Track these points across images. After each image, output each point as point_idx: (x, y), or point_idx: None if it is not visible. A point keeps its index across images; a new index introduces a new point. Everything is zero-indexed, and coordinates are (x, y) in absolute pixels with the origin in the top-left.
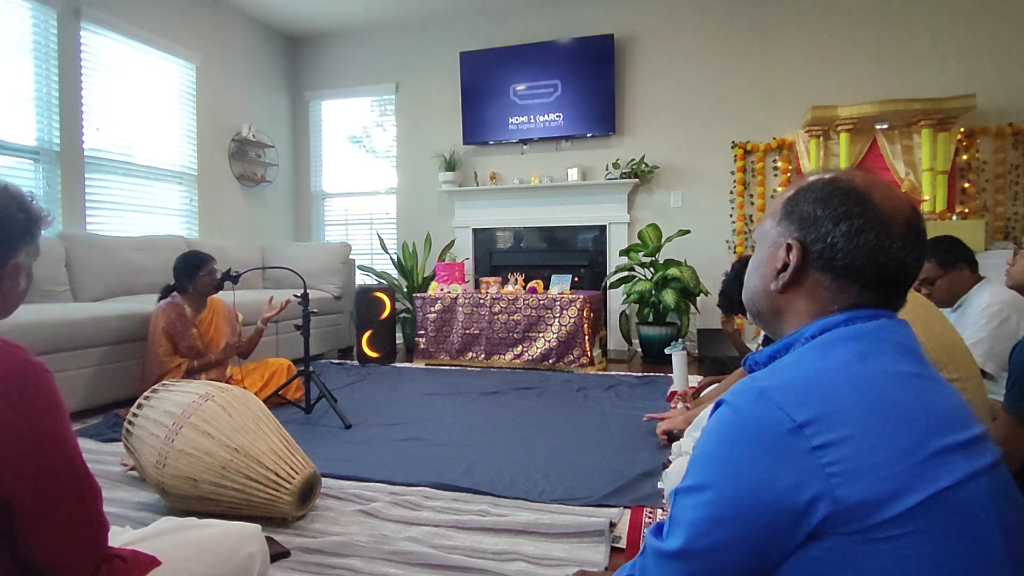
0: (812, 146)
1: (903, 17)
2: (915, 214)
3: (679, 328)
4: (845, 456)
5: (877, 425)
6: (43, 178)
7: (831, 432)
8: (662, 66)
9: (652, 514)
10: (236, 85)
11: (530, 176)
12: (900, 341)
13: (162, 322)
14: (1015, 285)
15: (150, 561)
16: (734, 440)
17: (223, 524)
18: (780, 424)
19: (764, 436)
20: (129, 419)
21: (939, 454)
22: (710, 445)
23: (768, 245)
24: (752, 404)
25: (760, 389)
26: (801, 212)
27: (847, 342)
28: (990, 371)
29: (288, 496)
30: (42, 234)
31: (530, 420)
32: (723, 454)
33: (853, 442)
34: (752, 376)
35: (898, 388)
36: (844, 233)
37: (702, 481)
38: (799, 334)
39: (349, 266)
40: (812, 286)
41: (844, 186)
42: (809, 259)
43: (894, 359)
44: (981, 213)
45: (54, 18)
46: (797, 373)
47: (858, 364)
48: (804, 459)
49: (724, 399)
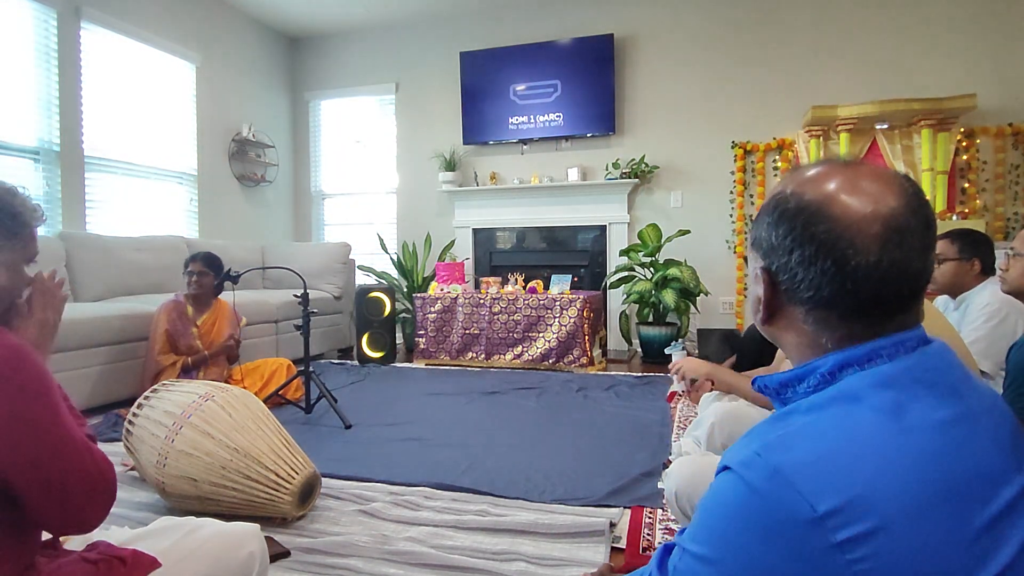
0: (812, 146)
1: (903, 17)
2: (903, 209)
3: (679, 328)
4: (877, 551)
5: (916, 508)
6: (43, 178)
7: (860, 523)
8: (662, 66)
9: (652, 514)
10: (236, 85)
11: (530, 176)
12: (937, 379)
13: (164, 323)
14: (1011, 290)
15: (150, 562)
16: (743, 525)
17: (222, 524)
18: (798, 513)
19: (780, 525)
20: (129, 419)
21: (991, 527)
22: (719, 521)
23: (750, 268)
24: (764, 483)
25: (774, 466)
26: (760, 238)
27: (875, 392)
28: (987, 370)
29: (288, 496)
30: (29, 232)
31: (530, 420)
32: (731, 538)
33: (887, 534)
34: (763, 442)
35: (939, 447)
36: (800, 262)
37: (711, 555)
38: (812, 367)
39: (349, 266)
40: (791, 319)
41: (792, 205)
42: (778, 290)
43: (932, 405)
44: (981, 213)
45: (54, 18)
46: (819, 444)
47: (890, 425)
48: (826, 558)
49: (732, 467)
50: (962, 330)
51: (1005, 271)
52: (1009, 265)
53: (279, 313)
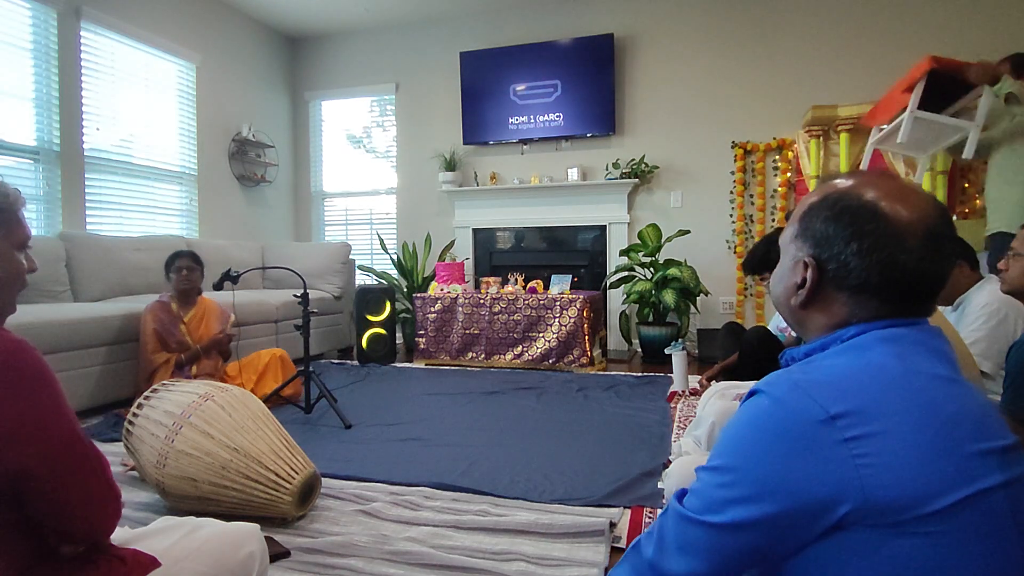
0: (812, 146)
1: (903, 17)
2: (939, 219)
3: (679, 328)
4: (878, 450)
5: (913, 423)
6: (43, 178)
7: (865, 426)
8: (662, 66)
9: (652, 514)
10: (236, 85)
11: (530, 176)
12: (936, 347)
13: (151, 323)
14: (1011, 290)
15: (150, 562)
16: (763, 427)
17: (222, 524)
18: (812, 414)
19: (795, 425)
20: (129, 419)
21: (977, 456)
22: (739, 430)
23: (789, 257)
24: (786, 393)
25: (794, 381)
26: (814, 230)
27: (884, 343)
28: (987, 370)
29: (288, 496)
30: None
31: (530, 420)
32: (751, 439)
33: (888, 437)
34: (787, 369)
35: (936, 389)
36: (855, 252)
37: (726, 463)
38: (836, 336)
39: (349, 266)
40: (829, 302)
41: (855, 202)
42: (825, 277)
43: (931, 362)
44: (981, 213)
45: (54, 18)
46: (833, 370)
47: (895, 363)
48: (834, 450)
49: (758, 388)
50: (961, 330)
51: (1005, 271)
52: (1009, 265)
53: (279, 313)
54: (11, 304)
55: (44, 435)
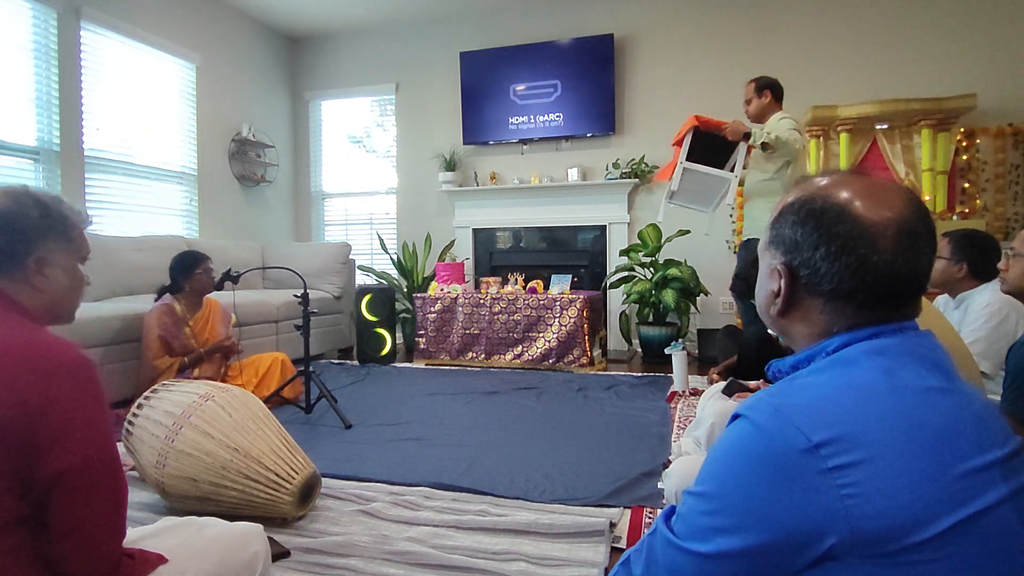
0: (812, 146)
1: (903, 17)
2: (913, 215)
3: (679, 328)
4: (863, 479)
5: (901, 446)
6: (43, 178)
7: (849, 454)
8: (662, 66)
9: (652, 514)
10: (236, 85)
11: (530, 176)
12: (926, 354)
13: (156, 329)
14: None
15: (157, 559)
16: (744, 456)
17: (227, 523)
18: (795, 443)
19: (777, 455)
20: (129, 419)
21: (971, 475)
22: (722, 457)
23: (765, 265)
24: (767, 420)
25: (776, 406)
26: (784, 235)
27: (870, 357)
28: (986, 370)
29: (288, 496)
30: (79, 233)
31: (530, 420)
32: (733, 468)
33: (873, 464)
34: (769, 391)
35: (925, 405)
36: (824, 257)
37: (710, 490)
38: (821, 347)
39: (349, 266)
40: (808, 310)
41: (819, 205)
42: (798, 284)
43: (920, 373)
44: (981, 213)
45: (54, 18)
46: (816, 392)
47: (882, 381)
48: (818, 480)
49: (740, 411)
50: (962, 330)
51: (1005, 271)
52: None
53: (279, 313)
54: (71, 314)
55: (86, 447)
